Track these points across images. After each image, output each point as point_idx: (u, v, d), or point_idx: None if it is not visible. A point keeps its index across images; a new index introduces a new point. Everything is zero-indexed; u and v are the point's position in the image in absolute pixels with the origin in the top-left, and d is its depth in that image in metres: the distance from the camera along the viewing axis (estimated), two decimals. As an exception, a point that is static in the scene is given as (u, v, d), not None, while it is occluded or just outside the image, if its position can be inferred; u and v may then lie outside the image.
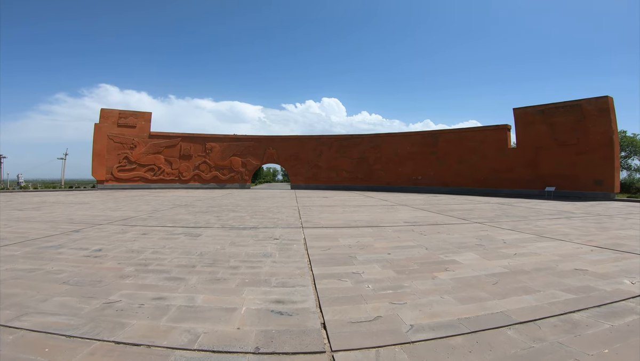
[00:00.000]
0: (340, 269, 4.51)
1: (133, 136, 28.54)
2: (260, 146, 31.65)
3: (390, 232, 7.49)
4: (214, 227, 8.04)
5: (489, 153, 24.58)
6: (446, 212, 11.72)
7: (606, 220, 9.83)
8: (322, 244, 6.14)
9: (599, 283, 3.93)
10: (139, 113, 29.32)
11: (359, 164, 30.40)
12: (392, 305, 3.29)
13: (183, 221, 8.95)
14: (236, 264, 4.78)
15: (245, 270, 4.51)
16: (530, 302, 3.36)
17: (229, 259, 5.04)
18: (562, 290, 3.69)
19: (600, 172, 19.41)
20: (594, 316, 3.01)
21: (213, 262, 4.90)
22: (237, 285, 3.91)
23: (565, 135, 21.02)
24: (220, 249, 5.72)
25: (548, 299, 3.43)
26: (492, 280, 4.05)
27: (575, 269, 4.50)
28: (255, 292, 3.68)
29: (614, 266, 4.67)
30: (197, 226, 8.11)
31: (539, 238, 6.82)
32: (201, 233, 7.24)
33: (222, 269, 4.54)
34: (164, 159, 29.36)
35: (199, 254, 5.37)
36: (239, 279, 4.11)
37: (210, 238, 6.70)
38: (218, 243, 6.15)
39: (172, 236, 6.87)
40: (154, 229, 7.72)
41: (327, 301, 3.39)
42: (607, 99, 19.31)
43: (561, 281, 3.99)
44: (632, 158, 30.59)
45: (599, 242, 6.43)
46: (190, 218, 9.59)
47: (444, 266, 4.69)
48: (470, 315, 3.05)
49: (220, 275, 4.29)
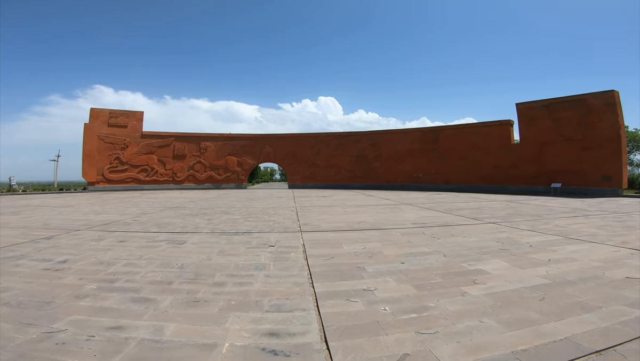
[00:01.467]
0: (347, 285, 3.73)
1: (124, 136, 27.60)
2: (257, 144, 30.80)
3: (398, 235, 6.72)
4: (203, 232, 7.24)
5: (492, 149, 23.87)
6: (454, 211, 10.98)
7: (626, 218, 9.13)
8: (323, 252, 5.35)
9: (667, 297, 3.19)
10: (130, 112, 28.39)
11: (358, 162, 29.61)
12: (419, 335, 2.53)
13: (169, 226, 8.14)
14: (222, 280, 3.99)
15: (232, 288, 3.72)
16: (596, 323, 2.61)
17: (214, 273, 4.24)
18: (626, 305, 2.96)
19: (608, 167, 18.76)
20: (689, 347, 2.27)
21: (194, 277, 4.11)
22: (220, 309, 3.13)
23: (570, 130, 20.35)
24: (205, 260, 4.92)
25: (616, 317, 2.70)
26: (537, 295, 3.30)
27: (627, 278, 3.76)
28: (243, 320, 2.90)
29: (672, 274, 3.94)
30: (184, 232, 7.31)
31: (567, 240, 6.08)
32: (187, 239, 6.44)
33: (204, 287, 3.75)
34: (157, 159, 28.43)
35: (179, 266, 4.57)
36: (224, 301, 3.32)
37: (195, 245, 5.89)
38: (204, 252, 5.35)
39: (153, 243, 6.06)
40: (134, 235, 6.91)
41: (335, 333, 2.62)
42: (614, 93, 18.65)
43: (620, 294, 3.25)
44: (634, 154, 30.07)
45: (633, 244, 5.70)
46: (177, 222, 8.78)
47: (471, 277, 3.93)
48: (527, 346, 2.30)
49: (201, 295, 3.50)
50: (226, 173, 30.05)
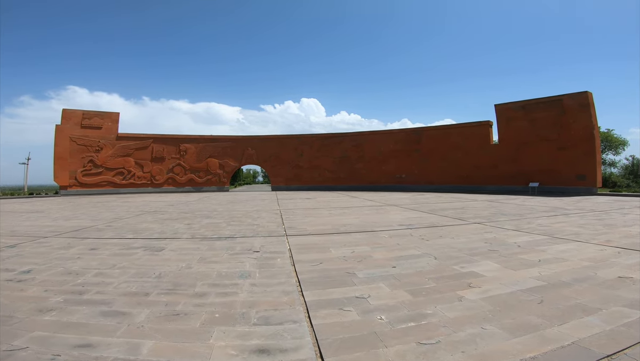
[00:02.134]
0: (339, 293, 3.53)
1: (99, 137, 26.48)
2: (239, 146, 30.24)
3: (386, 238, 6.59)
4: (182, 238, 6.87)
5: (472, 150, 24.32)
6: (438, 211, 11.00)
7: (605, 216, 9.37)
8: (311, 257, 5.14)
9: (662, 296, 3.15)
10: (105, 113, 27.27)
11: (341, 163, 29.55)
12: (421, 346, 2.36)
13: (146, 231, 7.71)
14: (204, 290, 3.70)
15: (216, 299, 3.45)
16: (600, 325, 2.52)
17: (195, 283, 3.95)
18: (626, 306, 2.90)
19: (582, 167, 19.41)
20: (696, 348, 2.20)
21: (174, 287, 3.80)
22: (203, 324, 2.86)
23: (546, 130, 20.96)
24: (185, 268, 4.61)
25: (619, 319, 2.62)
26: (535, 298, 3.20)
27: (620, 278, 3.74)
28: (229, 334, 2.65)
29: (661, 272, 3.95)
30: (162, 238, 6.91)
31: (553, 240, 6.11)
32: (165, 246, 6.07)
33: (184, 298, 3.46)
34: (134, 162, 27.40)
35: (156, 276, 4.25)
36: (207, 314, 3.05)
37: (174, 252, 5.55)
38: (183, 260, 5.02)
39: (128, 251, 5.68)
40: (107, 242, 6.48)
41: (331, 347, 2.41)
42: (587, 94, 19.34)
43: (617, 295, 3.19)
44: (607, 153, 31.37)
45: (618, 242, 5.77)
46: (155, 227, 8.34)
47: (465, 281, 3.81)
48: (535, 353, 2.16)
49: (181, 308, 3.21)
50: (207, 176, 29.33)
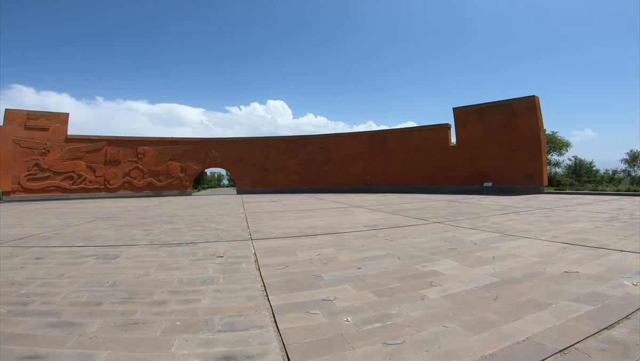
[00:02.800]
0: (305, 296, 3.51)
1: (45, 139, 24.51)
2: (202, 149, 29.29)
3: (352, 239, 6.67)
4: (140, 244, 6.51)
5: (432, 152, 25.38)
6: (402, 212, 11.33)
7: (551, 213, 10.12)
8: (277, 260, 5.07)
9: (602, 287, 3.45)
10: (52, 114, 25.29)
11: (308, 166, 29.60)
12: (387, 346, 2.40)
13: (99, 239, 7.22)
14: (163, 298, 3.53)
15: (177, 306, 3.30)
16: (551, 320, 2.70)
17: (154, 291, 3.75)
18: (572, 300, 3.12)
19: (530, 167, 20.88)
20: (633, 332, 2.44)
21: (130, 296, 3.59)
22: (163, 332, 2.72)
23: (498, 133, 22.35)
24: (142, 275, 4.36)
25: (567, 314, 2.82)
26: (490, 294, 3.37)
27: (565, 272, 4.04)
28: (191, 343, 2.54)
29: (599, 265, 4.32)
30: (117, 245, 6.51)
31: (505, 237, 6.50)
32: (120, 253, 5.72)
33: (142, 307, 3.28)
34: (85, 165, 25.61)
35: (110, 284, 3.99)
36: (167, 323, 2.91)
37: (130, 260, 5.24)
38: (141, 267, 4.76)
39: (78, 259, 5.28)
40: (55, 250, 5.99)
41: (298, 351, 2.38)
42: (534, 98, 20.89)
43: (564, 289, 3.44)
44: (552, 154, 34.05)
45: (563, 238, 6.26)
46: (109, 234, 7.83)
47: (427, 279, 3.94)
48: (494, 350, 2.27)
49: (139, 316, 3.05)
50: (168, 179, 28.11)
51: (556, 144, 32.81)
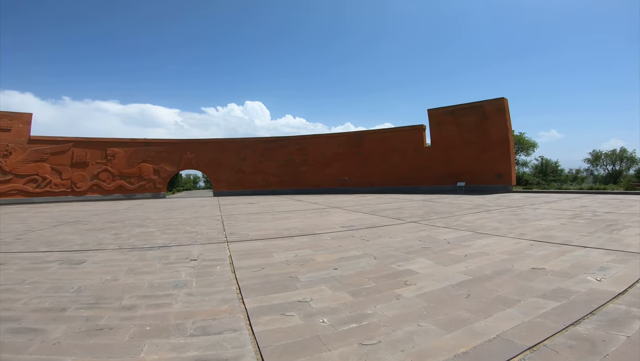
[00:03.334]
0: (281, 298, 3.46)
1: (7, 141, 23.01)
2: (176, 150, 28.45)
3: (329, 240, 6.67)
4: (108, 249, 6.22)
5: (408, 152, 25.89)
6: (378, 212, 11.47)
7: (519, 212, 10.55)
8: (253, 262, 4.99)
9: (567, 283, 3.61)
10: (15, 114, 23.78)
11: (286, 167, 29.43)
12: (363, 347, 2.40)
13: (64, 244, 6.85)
14: (132, 303, 3.39)
15: (147, 311, 3.17)
16: (519, 317, 2.78)
17: (122, 296, 3.60)
18: (539, 297, 3.24)
19: (500, 167, 21.71)
20: (599, 328, 2.54)
21: (96, 301, 3.43)
22: (132, 337, 2.62)
23: (470, 134, 23.10)
24: (110, 280, 4.17)
25: (535, 310, 2.92)
26: (462, 292, 3.45)
27: (533, 269, 4.21)
28: (162, 347, 2.46)
29: (564, 261, 4.53)
30: (83, 249, 6.19)
31: (477, 235, 6.71)
32: (87, 258, 5.44)
33: (109, 312, 3.13)
34: (50, 168, 24.23)
35: (75, 290, 3.79)
36: (136, 328, 2.80)
37: (97, 265, 5.00)
38: (108, 272, 4.55)
39: (41, 265, 4.98)
40: (16, 256, 5.62)
41: (273, 354, 2.34)
42: (503, 100, 21.75)
43: (531, 286, 3.57)
44: (519, 154, 35.60)
45: (530, 235, 6.52)
46: (75, 239, 7.44)
47: (402, 278, 3.99)
48: (467, 348, 2.31)
49: (106, 322, 2.91)
50: (140, 182, 27.10)
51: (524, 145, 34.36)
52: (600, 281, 3.62)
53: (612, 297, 3.13)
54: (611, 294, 3.19)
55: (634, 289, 3.35)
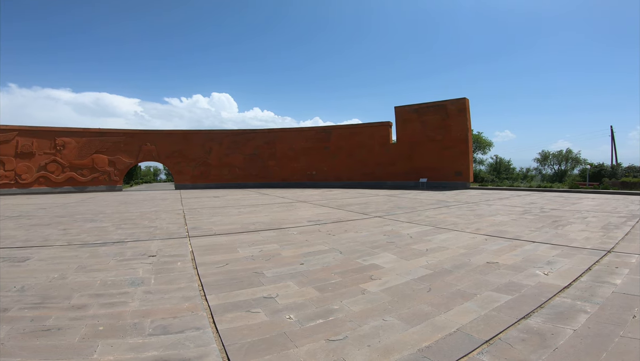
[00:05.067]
0: (246, 294, 3.38)
1: None
2: (134, 141, 26.91)
3: (295, 234, 6.64)
4: (55, 245, 5.76)
5: (375, 148, 26.37)
6: (345, 207, 11.60)
7: (475, 207, 11.12)
8: (216, 258, 4.84)
9: (518, 277, 3.83)
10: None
11: (253, 161, 28.89)
12: (330, 343, 2.40)
13: (5, 240, 6.24)
14: (83, 302, 3.16)
15: (99, 310, 2.97)
16: (476, 311, 2.92)
17: (71, 295, 3.34)
18: (494, 290, 3.42)
19: (459, 164, 22.72)
20: (548, 321, 2.70)
21: (42, 301, 3.17)
22: (83, 338, 2.44)
23: (434, 132, 23.93)
24: (57, 278, 3.87)
25: (490, 304, 3.06)
26: (424, 286, 3.57)
27: (487, 263, 4.43)
28: (118, 348, 2.31)
29: (515, 255, 4.81)
30: (27, 246, 5.69)
31: (437, 230, 6.97)
32: (31, 255, 5.00)
33: (56, 312, 2.91)
34: (-10, 157, 22.12)
35: (18, 289, 3.48)
36: (87, 328, 2.61)
37: (43, 262, 4.61)
38: (56, 270, 4.21)
39: (-23, 267, 4.51)
40: (-55, 258, 5.04)
41: (239, 352, 2.28)
42: (465, 100, 22.73)
43: (486, 280, 3.76)
44: (477, 153, 37.53)
45: (485, 230, 6.88)
46: (18, 235, 6.82)
47: (367, 273, 4.06)
48: (429, 342, 2.39)
49: (53, 322, 2.70)
50: (93, 174, 25.39)
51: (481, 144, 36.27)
52: (548, 275, 3.89)
53: (558, 290, 3.37)
54: (557, 288, 3.44)
55: (578, 283, 3.63)
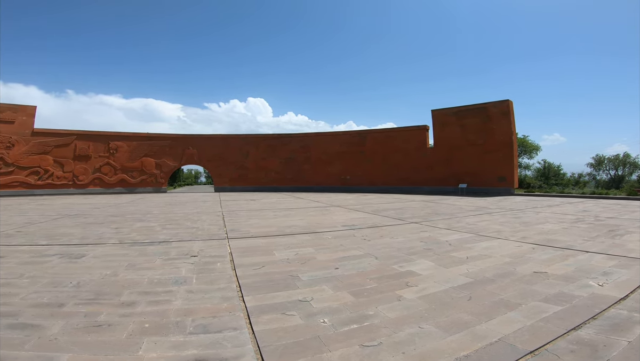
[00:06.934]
0: (281, 297, 3.45)
1: (11, 133, 23.05)
2: (178, 145, 28.46)
3: (330, 239, 6.65)
4: (108, 243, 6.23)
5: (411, 152, 25.80)
6: (380, 212, 11.44)
7: (521, 215, 10.50)
8: (253, 260, 4.98)
9: (569, 287, 3.58)
10: (18, 107, 23.82)
11: (288, 165, 29.41)
12: (364, 348, 2.38)
13: (64, 237, 6.85)
14: (132, 299, 3.38)
15: (146, 308, 3.16)
16: (521, 321, 2.76)
17: (122, 292, 3.59)
18: (541, 301, 3.22)
19: (502, 169, 21.59)
20: (601, 332, 2.52)
21: (95, 297, 3.42)
22: (130, 334, 2.60)
23: (474, 135, 22.97)
24: (110, 275, 4.17)
25: (537, 314, 2.89)
26: (464, 294, 3.43)
27: (535, 273, 4.18)
28: (161, 345, 2.44)
29: (566, 265, 4.50)
30: (83, 244, 6.20)
31: (479, 237, 6.67)
32: (86, 252, 5.45)
33: (108, 308, 3.12)
34: (52, 160, 24.27)
35: (74, 285, 3.78)
36: (135, 324, 2.78)
37: (98, 259, 5.00)
38: (109, 267, 4.54)
39: (40, 258, 4.99)
40: (16, 250, 5.63)
41: (274, 354, 2.33)
42: (508, 103, 21.62)
43: (533, 289, 3.55)
44: (522, 157, 35.43)
45: (532, 238, 6.48)
46: (76, 232, 7.46)
47: (403, 280, 3.97)
48: (468, 351, 2.29)
49: (104, 318, 2.90)
50: (142, 176, 27.13)
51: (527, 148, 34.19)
52: (603, 286, 3.59)
53: (614, 302, 3.11)
54: (613, 300, 3.17)
55: (636, 294, 3.33)
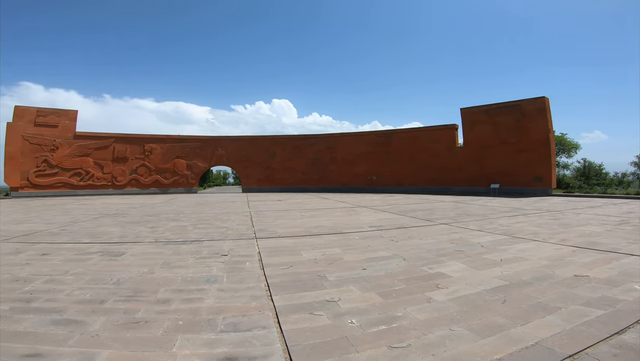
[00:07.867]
0: (309, 297, 3.47)
1: (54, 136, 24.78)
2: (208, 147, 29.40)
3: (357, 239, 6.62)
4: (145, 242, 6.53)
5: (440, 152, 25.14)
6: (408, 213, 11.24)
7: (560, 216, 9.96)
8: (281, 260, 5.04)
9: (613, 291, 3.36)
10: (62, 111, 25.57)
11: (314, 165, 29.56)
12: (392, 350, 2.35)
13: (105, 235, 7.27)
14: (167, 296, 3.52)
15: (180, 305, 3.29)
16: (560, 324, 2.63)
17: (158, 289, 3.75)
18: (583, 304, 3.04)
19: (539, 169, 20.55)
20: (648, 340, 2.34)
21: (133, 294, 3.59)
22: (165, 331, 2.71)
23: (507, 134, 22.02)
24: (147, 273, 4.37)
25: (577, 318, 2.74)
26: (498, 297, 3.30)
27: (576, 276, 3.95)
28: (194, 343, 2.53)
29: (610, 269, 4.22)
30: (122, 242, 6.54)
31: (514, 239, 6.39)
32: (125, 250, 5.74)
33: (145, 305, 3.27)
34: (93, 162, 25.85)
35: (114, 282, 4.00)
36: (169, 322, 2.90)
37: (136, 257, 5.26)
38: (145, 265, 4.77)
39: (83, 256, 5.31)
40: (61, 247, 6.03)
41: (302, 354, 2.35)
42: (544, 100, 20.56)
43: (574, 293, 3.36)
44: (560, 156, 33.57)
45: (573, 241, 6.13)
46: (115, 231, 7.88)
47: (433, 281, 3.88)
48: (502, 354, 2.21)
49: (142, 315, 3.04)
50: (174, 177, 28.26)
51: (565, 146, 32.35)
52: (652, 292, 3.34)
53: (664, 309, 2.87)
54: (663, 307, 2.93)
55: (693, 303, 3.06)
